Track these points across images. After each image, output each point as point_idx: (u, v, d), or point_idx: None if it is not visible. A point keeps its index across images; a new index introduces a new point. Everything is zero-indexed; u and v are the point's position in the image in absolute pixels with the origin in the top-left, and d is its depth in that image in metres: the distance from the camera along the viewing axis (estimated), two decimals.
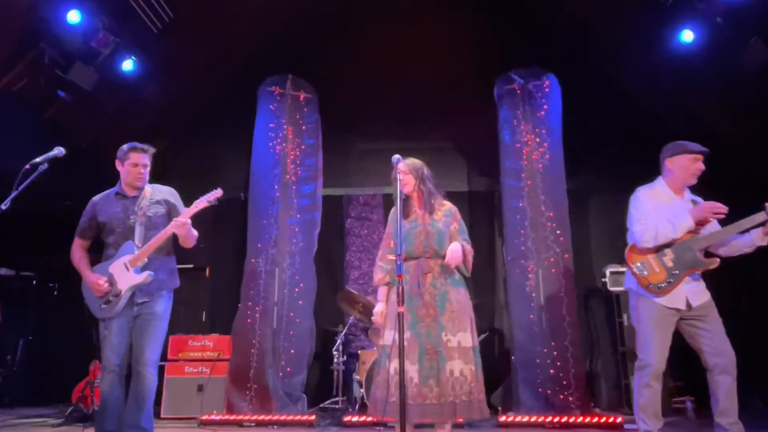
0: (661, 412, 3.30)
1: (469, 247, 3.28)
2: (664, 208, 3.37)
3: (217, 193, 3.39)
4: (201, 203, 3.36)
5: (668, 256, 3.29)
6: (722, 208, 3.20)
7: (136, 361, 3.20)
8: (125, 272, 3.23)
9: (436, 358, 3.02)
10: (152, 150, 3.44)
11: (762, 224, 3.18)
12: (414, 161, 3.40)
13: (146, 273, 3.24)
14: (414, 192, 3.37)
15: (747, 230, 3.25)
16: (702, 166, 3.37)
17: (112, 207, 3.37)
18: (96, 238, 3.43)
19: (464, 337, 3.11)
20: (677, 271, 3.25)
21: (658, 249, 3.31)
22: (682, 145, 3.39)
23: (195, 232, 3.43)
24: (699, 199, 3.44)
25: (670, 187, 3.43)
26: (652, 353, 3.26)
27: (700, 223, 3.29)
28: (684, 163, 3.36)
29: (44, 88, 5.04)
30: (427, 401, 2.96)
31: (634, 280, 3.38)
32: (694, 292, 3.28)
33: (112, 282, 3.24)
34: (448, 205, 3.40)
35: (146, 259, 3.26)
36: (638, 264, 3.35)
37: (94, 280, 3.23)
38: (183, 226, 3.24)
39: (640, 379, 3.31)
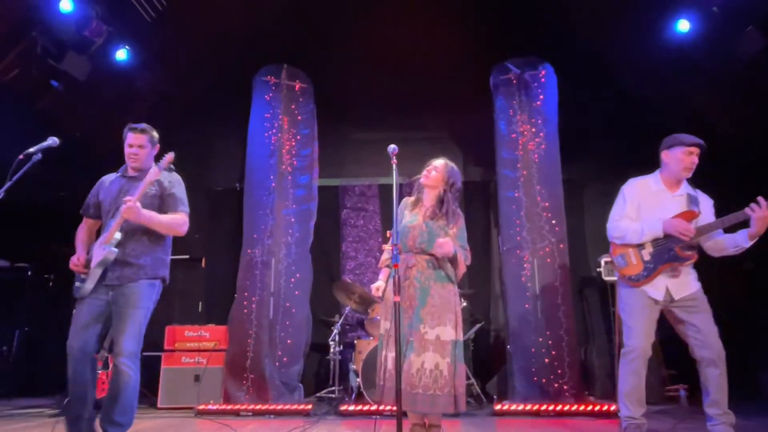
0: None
1: (463, 255, 3.24)
2: (648, 202, 3.41)
3: (168, 156, 3.12)
4: (152, 175, 3.12)
5: (647, 250, 3.35)
6: (690, 233, 3.20)
7: (114, 352, 3.04)
8: (99, 250, 3.16)
9: (406, 346, 3.06)
10: (151, 131, 3.34)
11: (746, 223, 3.16)
12: (454, 168, 3.37)
13: (108, 249, 3.08)
14: (434, 191, 3.35)
15: (733, 230, 3.25)
16: (695, 160, 3.36)
17: (112, 186, 3.33)
18: (100, 217, 3.35)
19: (443, 331, 3.10)
20: (652, 265, 3.31)
21: (640, 244, 3.37)
22: (677, 138, 3.40)
23: (161, 219, 3.19)
24: (699, 193, 3.44)
25: (664, 181, 3.45)
26: (636, 338, 3.30)
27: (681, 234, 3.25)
28: (678, 156, 3.36)
29: (37, 77, 4.99)
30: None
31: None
32: (678, 284, 3.30)
33: (90, 260, 3.18)
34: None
35: (118, 237, 3.09)
36: (618, 257, 3.46)
37: (73, 256, 3.22)
38: (130, 210, 3.00)
39: (626, 365, 3.33)
